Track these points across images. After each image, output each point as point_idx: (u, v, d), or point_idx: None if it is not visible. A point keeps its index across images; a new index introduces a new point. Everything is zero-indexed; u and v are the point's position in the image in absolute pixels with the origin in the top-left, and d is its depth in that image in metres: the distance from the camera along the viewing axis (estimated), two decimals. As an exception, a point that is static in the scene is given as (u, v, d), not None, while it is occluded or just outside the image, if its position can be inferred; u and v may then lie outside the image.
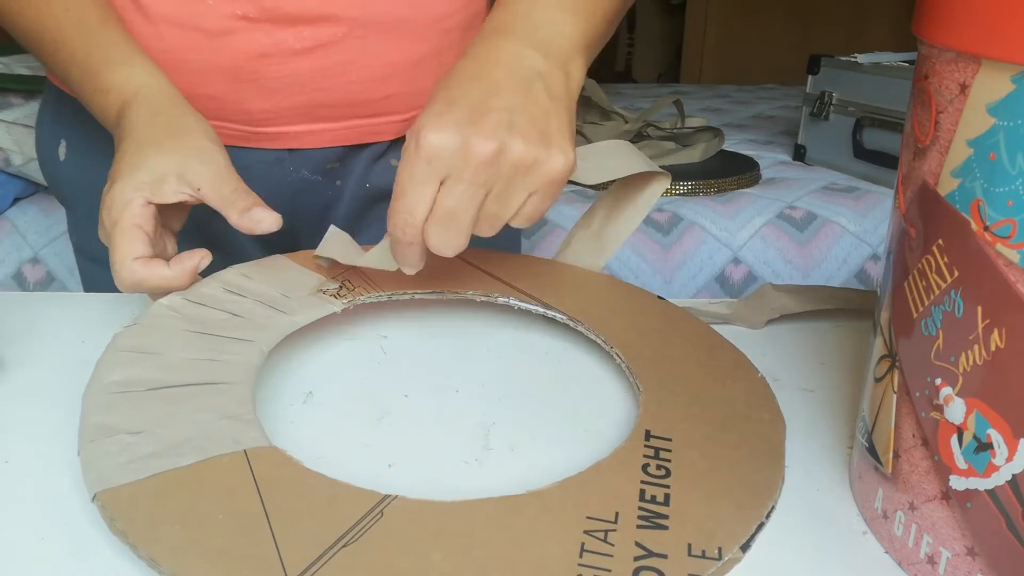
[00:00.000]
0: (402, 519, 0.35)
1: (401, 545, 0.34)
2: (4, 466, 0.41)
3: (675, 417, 0.43)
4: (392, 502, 0.36)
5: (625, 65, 4.28)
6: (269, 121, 0.65)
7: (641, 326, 0.51)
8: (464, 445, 0.43)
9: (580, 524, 0.35)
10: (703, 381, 0.46)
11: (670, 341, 0.50)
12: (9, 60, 1.38)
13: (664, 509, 0.36)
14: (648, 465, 0.39)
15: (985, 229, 0.29)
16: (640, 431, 0.41)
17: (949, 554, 0.33)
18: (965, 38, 0.29)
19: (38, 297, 0.59)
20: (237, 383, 0.43)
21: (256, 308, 0.50)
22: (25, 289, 1.26)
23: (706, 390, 0.45)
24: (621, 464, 0.39)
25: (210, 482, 0.36)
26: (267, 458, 0.38)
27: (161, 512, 0.34)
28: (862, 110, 1.47)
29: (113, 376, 0.42)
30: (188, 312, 0.48)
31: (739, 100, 2.18)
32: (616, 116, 1.68)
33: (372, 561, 0.33)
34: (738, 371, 0.48)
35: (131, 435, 0.38)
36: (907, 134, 0.34)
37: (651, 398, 0.44)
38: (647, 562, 0.33)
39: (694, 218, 1.33)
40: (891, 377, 0.35)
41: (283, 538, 0.33)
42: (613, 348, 0.49)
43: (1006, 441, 0.30)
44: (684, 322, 0.52)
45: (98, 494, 0.35)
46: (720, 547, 0.34)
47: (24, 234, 1.28)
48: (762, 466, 0.40)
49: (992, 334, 0.30)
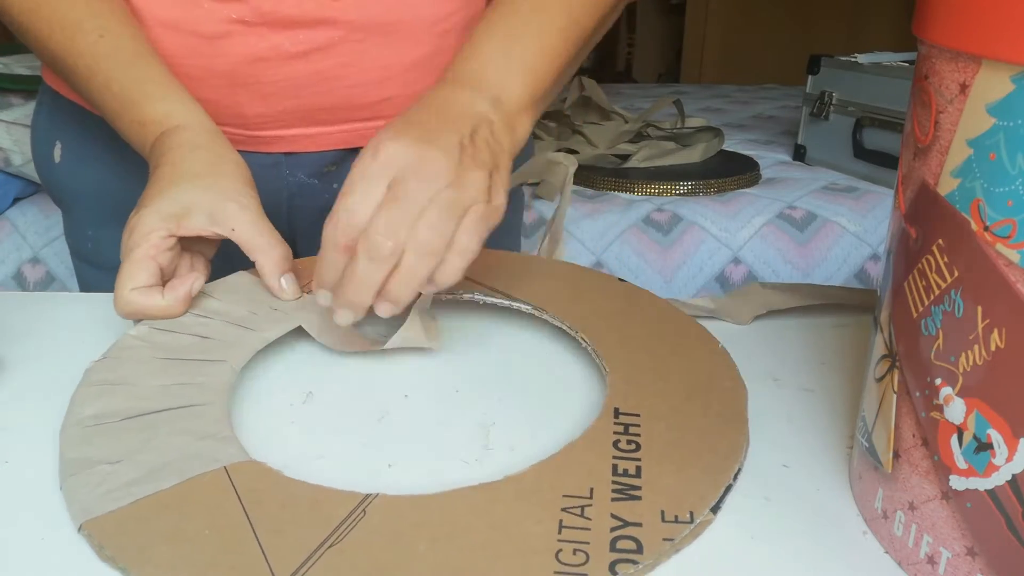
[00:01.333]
0: (385, 515, 0.36)
1: (386, 540, 0.34)
2: (4, 466, 0.41)
3: (642, 393, 0.45)
4: (374, 500, 0.36)
5: (625, 65, 4.29)
6: (266, 125, 0.65)
7: (604, 309, 0.53)
8: (464, 445, 0.43)
9: (557, 503, 0.36)
10: (667, 356, 0.48)
11: (633, 320, 0.52)
12: (9, 60, 1.38)
13: (636, 481, 0.38)
14: (619, 441, 0.41)
15: (985, 229, 0.29)
16: (609, 409, 0.43)
17: (949, 554, 0.33)
18: (965, 38, 0.29)
19: (38, 297, 0.59)
20: (211, 403, 0.44)
21: (224, 328, 0.50)
22: (25, 289, 1.26)
23: (670, 364, 0.47)
24: (592, 443, 0.41)
25: (193, 501, 0.36)
26: (247, 471, 0.38)
27: (148, 534, 0.35)
28: (862, 110, 1.47)
29: (87, 411, 0.43)
30: (157, 340, 0.49)
31: (739, 100, 2.18)
32: (616, 116, 1.68)
33: (358, 558, 0.33)
34: (699, 344, 0.49)
35: (110, 465, 0.39)
36: (907, 134, 0.34)
37: (618, 377, 0.46)
38: (623, 531, 0.35)
39: (694, 218, 1.33)
40: (891, 377, 0.35)
41: (269, 546, 0.34)
42: (578, 333, 0.50)
43: (1006, 441, 0.30)
44: (646, 301, 0.55)
45: (84, 524, 0.36)
46: (691, 511, 0.36)
47: (24, 234, 1.28)
48: (727, 432, 0.42)
49: (992, 334, 0.30)
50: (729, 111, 2.03)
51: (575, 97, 1.71)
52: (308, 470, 0.41)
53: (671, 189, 1.40)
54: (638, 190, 1.41)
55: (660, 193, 1.40)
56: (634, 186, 1.41)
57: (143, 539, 0.34)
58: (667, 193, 1.40)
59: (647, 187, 1.40)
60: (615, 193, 1.41)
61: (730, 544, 0.37)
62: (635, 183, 1.41)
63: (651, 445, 0.40)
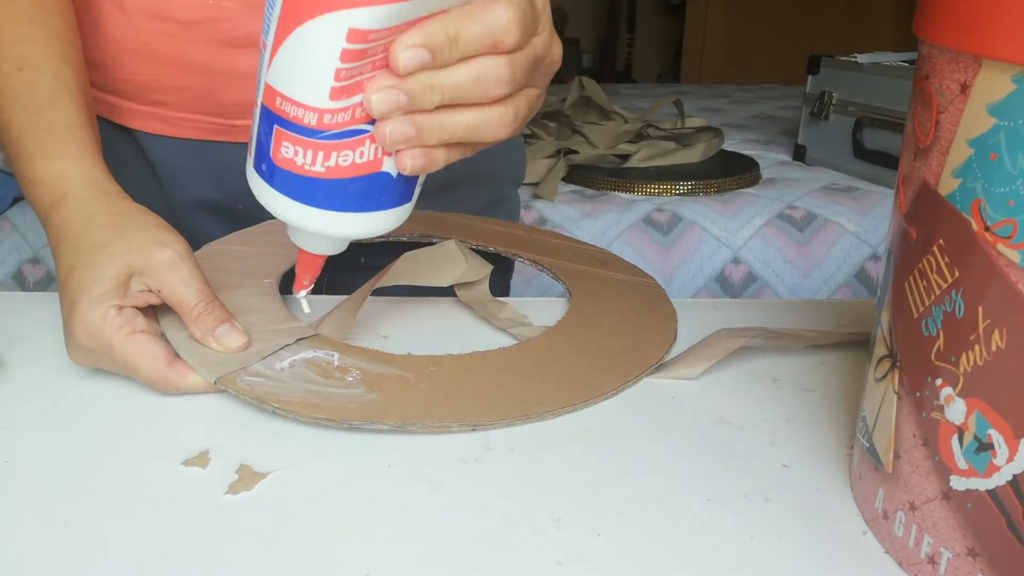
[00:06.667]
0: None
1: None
2: (4, 466, 0.41)
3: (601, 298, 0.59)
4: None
5: (625, 65, 4.29)
6: (243, 114, 0.64)
7: (576, 259, 0.64)
8: (464, 445, 0.43)
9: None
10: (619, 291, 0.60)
11: (603, 269, 0.63)
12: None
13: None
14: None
15: (986, 229, 0.29)
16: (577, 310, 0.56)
17: (950, 554, 0.33)
18: (965, 38, 0.29)
19: (38, 297, 0.59)
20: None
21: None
22: (25, 289, 1.25)
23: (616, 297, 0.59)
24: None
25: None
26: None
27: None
28: (862, 110, 1.47)
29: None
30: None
31: (739, 100, 2.18)
32: (616, 116, 1.68)
33: None
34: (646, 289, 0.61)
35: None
36: (908, 134, 0.34)
37: (578, 298, 0.58)
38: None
39: (694, 218, 1.33)
40: (892, 377, 0.35)
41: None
42: (546, 267, 0.61)
43: (1007, 441, 0.30)
44: (619, 264, 0.65)
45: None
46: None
47: (24, 234, 1.28)
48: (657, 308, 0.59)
49: (993, 334, 0.30)
50: (729, 111, 2.03)
51: (575, 97, 1.71)
52: (307, 468, 0.41)
53: (671, 189, 1.40)
54: (638, 190, 1.41)
55: (660, 193, 1.40)
56: (634, 186, 1.41)
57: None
58: (667, 193, 1.40)
59: (647, 187, 1.40)
60: (615, 193, 1.41)
61: (730, 544, 0.37)
62: (635, 183, 1.41)
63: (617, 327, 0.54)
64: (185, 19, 0.60)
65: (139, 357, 0.46)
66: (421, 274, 0.54)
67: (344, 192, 0.40)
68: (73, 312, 0.46)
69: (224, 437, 0.43)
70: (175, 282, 0.47)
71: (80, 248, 0.47)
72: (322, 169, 0.39)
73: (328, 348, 0.49)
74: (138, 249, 0.47)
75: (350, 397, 0.45)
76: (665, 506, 0.39)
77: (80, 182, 0.50)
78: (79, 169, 0.50)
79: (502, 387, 0.47)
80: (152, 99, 0.64)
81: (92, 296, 0.46)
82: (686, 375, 0.50)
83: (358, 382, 0.46)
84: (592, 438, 0.44)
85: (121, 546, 0.36)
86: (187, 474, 0.41)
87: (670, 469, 0.42)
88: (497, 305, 0.58)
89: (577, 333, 0.53)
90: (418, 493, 0.40)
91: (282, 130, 0.39)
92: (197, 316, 0.47)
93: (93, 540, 0.36)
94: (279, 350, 0.48)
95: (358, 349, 0.49)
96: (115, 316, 0.46)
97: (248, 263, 0.57)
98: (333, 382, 0.46)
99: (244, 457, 0.42)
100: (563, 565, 0.35)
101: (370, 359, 0.48)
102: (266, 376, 0.46)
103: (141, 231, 0.48)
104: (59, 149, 0.50)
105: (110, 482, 0.40)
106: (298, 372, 0.46)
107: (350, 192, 0.40)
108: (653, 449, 0.43)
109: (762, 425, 0.46)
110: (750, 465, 0.42)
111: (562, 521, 0.38)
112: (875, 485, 0.37)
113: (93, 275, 0.46)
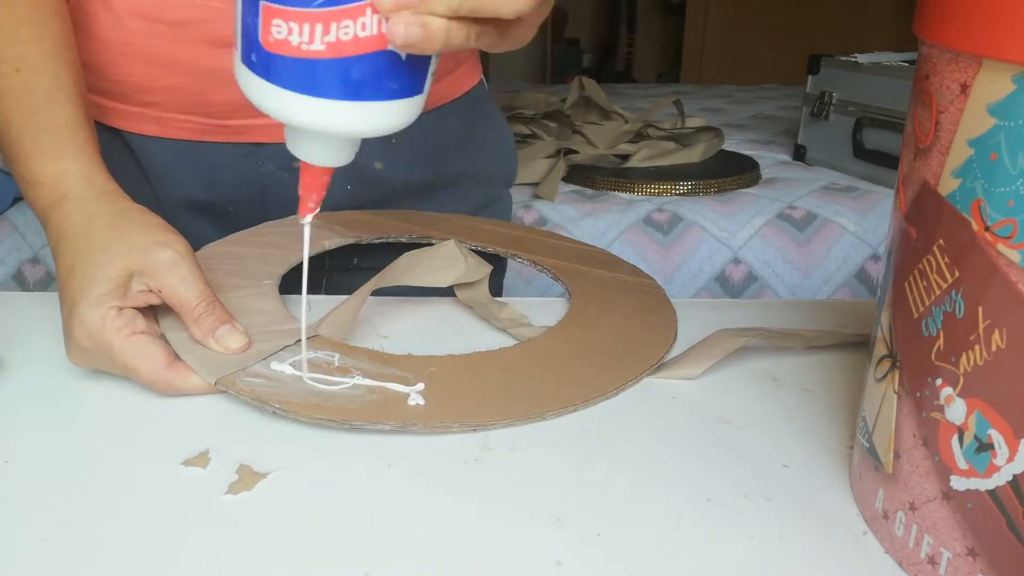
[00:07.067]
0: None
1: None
2: (4, 466, 0.41)
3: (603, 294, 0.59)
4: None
5: (625, 65, 4.29)
6: (232, 114, 0.64)
7: (576, 259, 0.64)
8: (464, 445, 0.43)
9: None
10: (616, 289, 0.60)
11: (601, 269, 0.64)
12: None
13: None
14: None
15: (986, 229, 0.29)
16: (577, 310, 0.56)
17: (950, 554, 0.33)
18: (965, 38, 0.29)
19: (38, 297, 0.59)
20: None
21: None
22: (25, 289, 1.25)
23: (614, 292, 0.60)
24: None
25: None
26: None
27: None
28: (862, 110, 1.47)
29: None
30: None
31: (739, 100, 2.18)
32: (616, 116, 1.68)
33: None
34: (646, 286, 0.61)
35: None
36: (908, 134, 0.34)
37: (577, 298, 0.58)
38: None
39: (694, 218, 1.33)
40: (892, 377, 0.35)
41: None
42: (546, 269, 0.61)
43: (1007, 441, 0.30)
44: (619, 264, 0.65)
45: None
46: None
47: (24, 234, 1.28)
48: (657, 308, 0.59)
49: (993, 334, 0.30)
50: (729, 111, 2.03)
51: (575, 97, 1.71)
52: (307, 468, 0.41)
53: (671, 189, 1.40)
54: (638, 190, 1.40)
55: (660, 193, 1.40)
56: (634, 186, 1.41)
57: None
58: (667, 193, 1.40)
59: (647, 187, 1.40)
60: (615, 193, 1.41)
61: (730, 544, 0.37)
62: (635, 183, 1.41)
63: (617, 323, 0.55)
64: (173, 20, 0.60)
65: (139, 359, 0.46)
66: (421, 274, 0.54)
67: (348, 75, 0.35)
68: (73, 313, 0.46)
69: (224, 437, 0.43)
70: (176, 282, 0.47)
71: (80, 249, 0.47)
72: (322, 47, 0.35)
73: (328, 348, 0.49)
74: (139, 250, 0.47)
75: (350, 397, 0.45)
76: (665, 506, 0.39)
77: (80, 182, 0.50)
78: (79, 169, 0.50)
79: (502, 387, 0.47)
80: (142, 100, 0.64)
81: (92, 297, 0.46)
82: (686, 375, 0.50)
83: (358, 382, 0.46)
84: (592, 438, 0.44)
85: (121, 546, 0.36)
86: (187, 474, 0.41)
87: (670, 469, 0.42)
88: (497, 305, 0.58)
89: (577, 333, 0.53)
90: (418, 493, 0.40)
91: (270, 5, 0.34)
92: (198, 317, 0.47)
93: (93, 540, 0.36)
94: (279, 351, 0.48)
95: (358, 349, 0.49)
96: (115, 318, 0.46)
97: (248, 264, 0.57)
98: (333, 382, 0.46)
99: (244, 457, 0.42)
100: (563, 565, 0.35)
101: (370, 359, 0.48)
102: (266, 377, 0.46)
103: (142, 231, 0.48)
104: (58, 150, 0.50)
105: (110, 482, 0.40)
106: (298, 372, 0.46)
107: (355, 75, 0.35)
108: (653, 449, 0.43)
109: (762, 425, 0.46)
110: (750, 465, 0.42)
111: (562, 521, 0.38)
112: (875, 485, 0.37)
113: (93, 276, 0.46)
